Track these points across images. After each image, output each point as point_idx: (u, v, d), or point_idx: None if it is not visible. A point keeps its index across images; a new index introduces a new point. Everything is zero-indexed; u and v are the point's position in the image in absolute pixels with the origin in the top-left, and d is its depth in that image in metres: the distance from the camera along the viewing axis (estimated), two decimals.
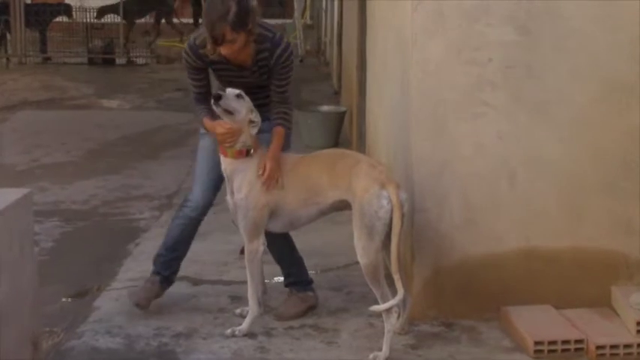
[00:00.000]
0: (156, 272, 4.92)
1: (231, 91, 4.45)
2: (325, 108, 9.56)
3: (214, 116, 4.48)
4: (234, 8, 4.25)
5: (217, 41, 4.29)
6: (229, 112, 4.43)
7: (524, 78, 4.68)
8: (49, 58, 16.65)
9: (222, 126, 4.44)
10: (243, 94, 4.47)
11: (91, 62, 16.17)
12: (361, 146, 7.44)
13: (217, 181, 4.75)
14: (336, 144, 8.74)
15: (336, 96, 11.79)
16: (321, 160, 4.57)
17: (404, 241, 4.61)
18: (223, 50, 4.32)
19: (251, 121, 4.48)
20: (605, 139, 4.73)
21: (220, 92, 4.42)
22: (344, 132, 9.33)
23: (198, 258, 5.78)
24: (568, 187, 4.78)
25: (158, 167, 8.19)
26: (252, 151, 4.50)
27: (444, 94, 4.68)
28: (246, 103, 4.47)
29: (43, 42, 16.73)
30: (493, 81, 4.68)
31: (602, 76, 4.69)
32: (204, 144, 4.77)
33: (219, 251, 5.95)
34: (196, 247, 5.77)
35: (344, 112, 9.28)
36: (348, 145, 8.54)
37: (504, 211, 4.77)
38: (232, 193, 4.56)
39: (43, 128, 10.30)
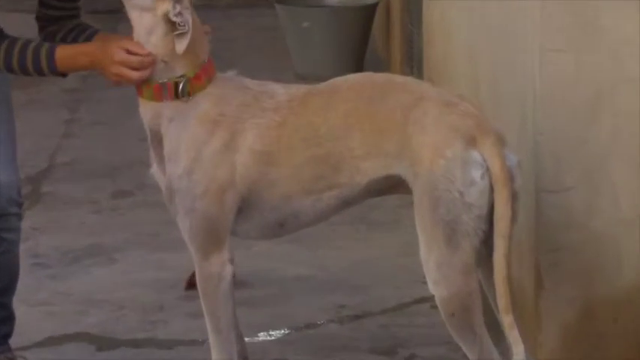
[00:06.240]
0: None
1: None
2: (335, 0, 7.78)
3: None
4: None
5: None
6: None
7: None
8: None
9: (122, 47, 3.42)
10: None
11: None
12: (409, 72, 6.09)
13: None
14: (358, 70, 6.98)
15: None
16: (345, 96, 3.46)
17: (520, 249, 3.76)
18: None
19: (175, 24, 3.35)
20: None
21: None
22: (373, 47, 7.61)
23: (105, 297, 4.65)
24: None
25: None
26: (188, 86, 3.40)
27: None
28: None
29: None
30: None
31: None
32: None
33: (143, 283, 4.78)
34: (100, 277, 4.85)
35: (373, 7, 7.39)
36: (383, 71, 6.92)
37: None
38: (161, 161, 3.48)
39: None
